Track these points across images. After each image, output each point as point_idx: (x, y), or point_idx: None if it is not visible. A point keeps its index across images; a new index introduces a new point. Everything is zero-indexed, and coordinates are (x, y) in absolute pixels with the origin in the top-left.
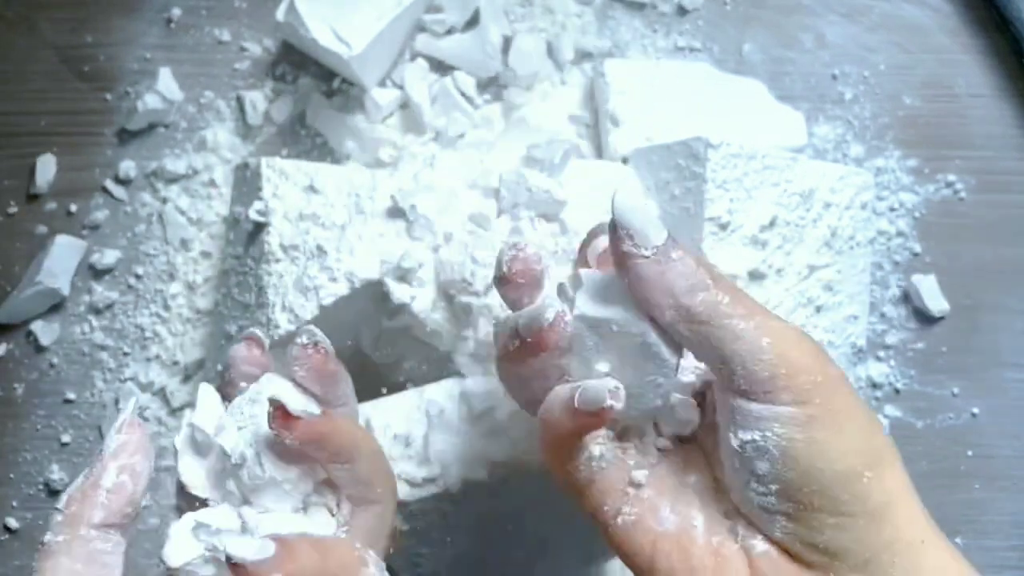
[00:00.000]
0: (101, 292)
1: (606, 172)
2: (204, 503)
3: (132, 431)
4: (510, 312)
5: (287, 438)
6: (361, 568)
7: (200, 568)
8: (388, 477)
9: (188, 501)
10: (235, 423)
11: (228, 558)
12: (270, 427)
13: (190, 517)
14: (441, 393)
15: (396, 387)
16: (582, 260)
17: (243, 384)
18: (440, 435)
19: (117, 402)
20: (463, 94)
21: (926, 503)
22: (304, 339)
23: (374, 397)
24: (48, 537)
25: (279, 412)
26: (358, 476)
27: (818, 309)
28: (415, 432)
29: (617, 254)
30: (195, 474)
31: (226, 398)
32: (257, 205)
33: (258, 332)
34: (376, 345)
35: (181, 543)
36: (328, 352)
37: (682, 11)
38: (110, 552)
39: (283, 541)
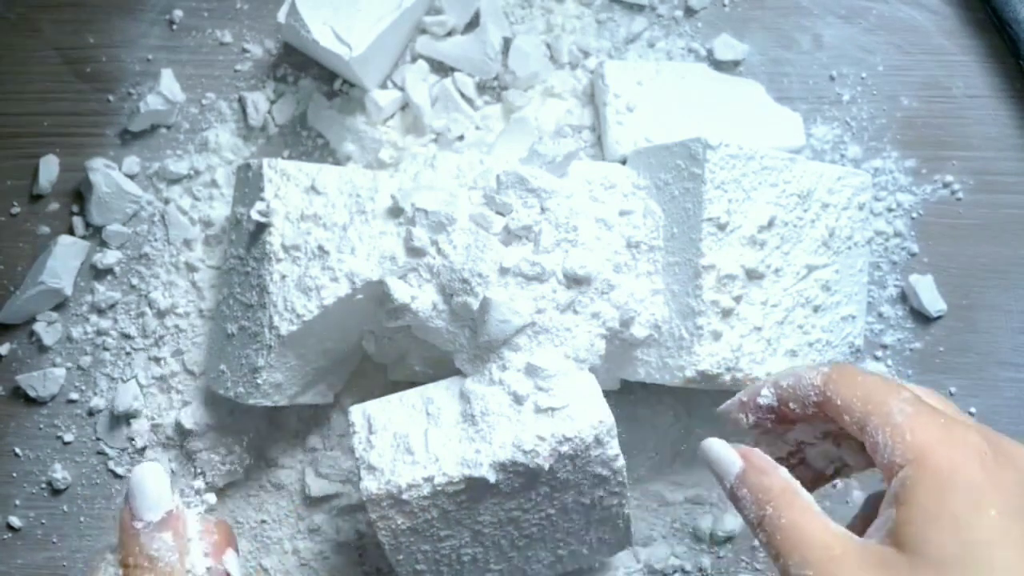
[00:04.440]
0: (103, 292)
1: (606, 172)
2: None
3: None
4: None
5: None
6: None
7: None
8: None
9: None
10: None
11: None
12: None
13: None
14: (441, 393)
15: (396, 387)
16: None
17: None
18: (440, 435)
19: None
20: (463, 95)
21: None
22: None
23: (374, 397)
24: None
25: None
26: None
27: (816, 309)
28: (415, 431)
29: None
30: None
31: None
32: (259, 206)
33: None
34: (376, 345)
35: None
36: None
37: (686, 12)
38: None
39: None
